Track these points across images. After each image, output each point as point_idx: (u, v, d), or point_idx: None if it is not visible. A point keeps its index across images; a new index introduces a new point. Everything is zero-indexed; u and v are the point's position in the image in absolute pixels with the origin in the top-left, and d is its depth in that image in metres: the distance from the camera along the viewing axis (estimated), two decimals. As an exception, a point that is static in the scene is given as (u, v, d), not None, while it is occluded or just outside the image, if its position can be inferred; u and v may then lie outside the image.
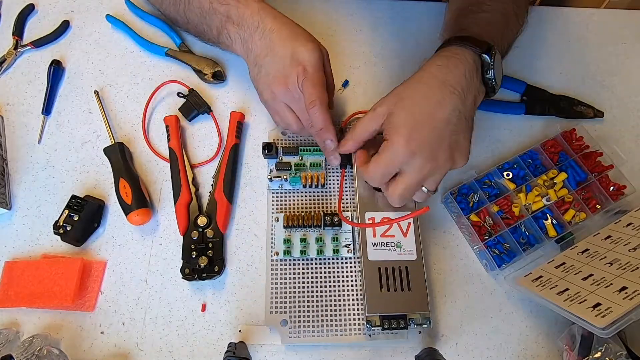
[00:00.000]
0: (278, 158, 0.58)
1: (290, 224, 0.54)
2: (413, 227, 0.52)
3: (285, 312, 0.51)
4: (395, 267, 0.50)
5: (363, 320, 0.50)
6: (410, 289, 0.49)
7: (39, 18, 0.68)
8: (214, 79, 0.63)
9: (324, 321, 0.51)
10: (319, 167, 0.57)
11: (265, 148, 0.56)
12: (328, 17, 0.69)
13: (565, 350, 0.50)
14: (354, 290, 0.52)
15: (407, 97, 0.47)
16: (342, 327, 0.50)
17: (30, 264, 0.54)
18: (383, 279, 0.50)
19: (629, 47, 0.69)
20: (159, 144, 0.61)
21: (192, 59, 0.65)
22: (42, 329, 0.52)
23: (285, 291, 0.52)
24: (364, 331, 0.50)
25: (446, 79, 0.46)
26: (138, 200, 0.54)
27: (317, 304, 0.51)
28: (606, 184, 0.57)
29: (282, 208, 0.56)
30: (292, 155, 0.58)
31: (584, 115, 0.64)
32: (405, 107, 0.46)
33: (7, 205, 0.57)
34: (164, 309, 0.53)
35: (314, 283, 0.52)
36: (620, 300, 0.43)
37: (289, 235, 0.54)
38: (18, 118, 0.62)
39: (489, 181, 0.58)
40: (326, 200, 0.57)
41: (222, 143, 0.60)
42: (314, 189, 0.57)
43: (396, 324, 0.48)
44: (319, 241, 0.53)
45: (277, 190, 0.57)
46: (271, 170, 0.57)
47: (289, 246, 0.53)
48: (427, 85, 0.47)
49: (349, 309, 0.51)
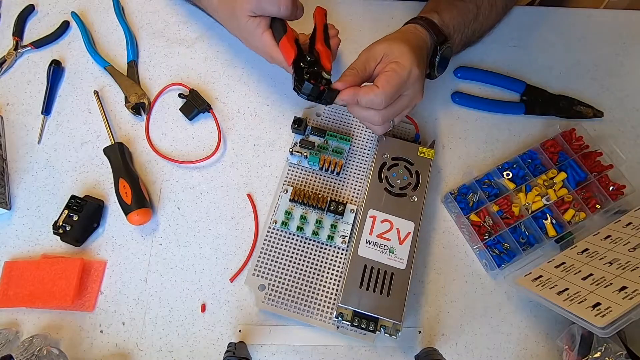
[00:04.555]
0: (305, 135, 0.59)
1: (297, 198, 0.55)
2: (411, 238, 0.52)
3: (266, 278, 0.52)
4: (381, 269, 0.50)
5: (335, 310, 0.50)
6: (390, 295, 0.49)
7: (39, 18, 0.68)
8: (132, 110, 0.61)
9: (300, 299, 0.52)
10: (340, 154, 0.58)
11: (296, 122, 0.58)
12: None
13: (565, 350, 0.50)
14: (336, 280, 0.53)
15: (395, 38, 0.52)
16: (315, 310, 0.51)
17: (30, 264, 0.54)
18: (366, 276, 0.50)
19: (629, 47, 0.69)
20: (160, 144, 0.61)
21: (125, 81, 0.63)
22: (42, 329, 0.52)
23: (272, 259, 0.53)
24: (333, 321, 0.50)
25: (422, 45, 0.54)
26: (138, 200, 0.54)
27: (298, 281, 0.52)
28: (606, 183, 0.57)
29: (293, 182, 0.58)
30: (319, 136, 0.59)
31: (584, 115, 0.64)
32: (402, 41, 0.51)
33: (7, 205, 0.57)
34: (164, 309, 0.53)
35: (301, 260, 0.53)
36: (620, 299, 0.43)
37: (291, 208, 0.55)
38: (18, 118, 0.62)
39: (488, 181, 0.58)
40: (337, 187, 0.58)
41: (222, 139, 0.61)
42: (329, 174, 0.58)
43: (366, 325, 0.48)
44: (318, 223, 0.54)
45: (295, 165, 0.58)
46: (295, 145, 0.59)
47: (288, 218, 0.54)
48: (404, 33, 0.54)
49: (326, 295, 0.52)
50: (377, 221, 0.52)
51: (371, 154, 0.59)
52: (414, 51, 0.50)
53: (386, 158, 0.56)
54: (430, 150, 0.56)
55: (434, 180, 0.60)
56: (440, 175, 0.61)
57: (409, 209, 0.53)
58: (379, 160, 0.56)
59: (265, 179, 0.59)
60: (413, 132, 0.61)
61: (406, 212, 0.53)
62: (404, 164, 0.56)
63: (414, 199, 0.53)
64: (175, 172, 0.60)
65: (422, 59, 0.52)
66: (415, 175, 0.55)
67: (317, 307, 0.51)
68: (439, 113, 0.64)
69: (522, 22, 0.70)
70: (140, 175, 0.58)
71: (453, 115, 0.64)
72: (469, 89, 0.65)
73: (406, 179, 0.55)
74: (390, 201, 0.53)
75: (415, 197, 0.53)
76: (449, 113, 0.64)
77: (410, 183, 0.54)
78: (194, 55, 0.66)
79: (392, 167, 0.55)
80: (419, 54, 0.51)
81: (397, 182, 0.54)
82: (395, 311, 0.48)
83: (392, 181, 0.54)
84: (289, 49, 0.52)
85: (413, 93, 0.51)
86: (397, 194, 0.54)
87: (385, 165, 0.55)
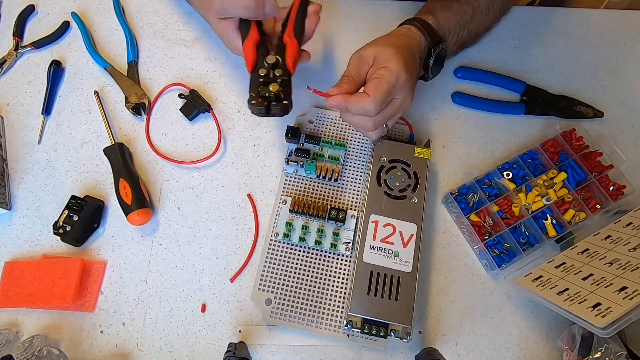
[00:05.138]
0: (299, 144, 0.59)
1: (296, 209, 0.54)
2: (415, 240, 0.52)
3: (272, 292, 0.52)
4: (387, 274, 0.50)
5: (344, 318, 0.50)
6: (398, 299, 0.49)
7: (39, 19, 0.68)
8: (133, 110, 0.61)
9: (307, 310, 0.51)
10: (336, 161, 0.58)
11: (289, 132, 0.57)
12: (328, 17, 0.69)
13: (565, 350, 0.50)
14: (342, 288, 0.53)
15: (385, 42, 0.52)
16: (324, 320, 0.51)
17: (30, 264, 0.54)
18: (373, 283, 0.49)
19: (629, 47, 0.69)
20: (160, 144, 0.61)
21: (125, 82, 0.63)
22: (42, 329, 0.52)
23: (276, 272, 0.53)
24: (343, 330, 0.50)
25: (412, 45, 0.54)
26: (138, 200, 0.54)
27: (304, 292, 0.52)
28: (606, 183, 0.57)
29: (291, 192, 0.57)
30: (314, 144, 0.59)
31: (584, 115, 0.64)
32: (391, 45, 0.51)
33: (7, 205, 0.57)
34: (164, 309, 0.53)
35: (306, 271, 0.53)
36: (620, 300, 0.43)
37: (292, 219, 0.55)
38: (18, 118, 0.62)
39: (488, 181, 0.58)
40: (336, 194, 0.57)
41: (222, 139, 0.60)
42: (327, 181, 0.58)
43: (376, 331, 0.48)
44: (320, 232, 0.54)
45: (291, 175, 0.58)
46: (290, 154, 0.58)
47: (289, 229, 0.54)
48: (395, 36, 0.55)
49: (333, 304, 0.52)
50: (380, 225, 0.52)
51: (367, 158, 0.59)
52: (402, 55, 0.50)
53: (383, 161, 0.56)
54: (427, 150, 0.56)
55: (434, 180, 0.60)
56: (441, 175, 0.61)
57: (410, 211, 0.53)
58: (376, 164, 0.55)
59: (265, 179, 0.59)
60: (407, 133, 0.61)
61: (408, 215, 0.52)
62: (401, 166, 0.55)
63: (415, 201, 0.53)
64: (175, 172, 0.60)
65: (411, 62, 0.51)
66: (414, 176, 0.55)
67: (326, 316, 0.51)
68: (439, 113, 0.64)
69: (522, 22, 0.70)
70: (141, 176, 0.58)
71: (453, 115, 0.64)
72: (469, 89, 0.65)
73: (405, 180, 0.55)
74: (391, 204, 0.53)
75: (415, 198, 0.53)
76: (449, 113, 0.64)
77: (409, 185, 0.54)
78: (194, 55, 0.66)
79: (390, 170, 0.55)
80: (408, 57, 0.51)
81: (396, 185, 0.54)
82: (405, 315, 0.48)
83: (391, 184, 0.54)
84: (249, 55, 0.52)
85: (403, 96, 0.51)
86: (397, 196, 0.54)
87: (383, 169, 0.55)
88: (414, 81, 0.52)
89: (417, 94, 0.63)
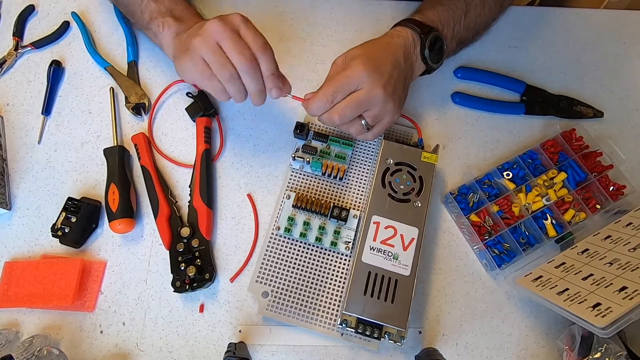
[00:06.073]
0: (307, 140, 0.59)
1: (299, 204, 0.55)
2: (415, 244, 0.51)
3: (269, 285, 0.52)
4: (385, 276, 0.50)
5: (339, 317, 0.50)
6: (394, 302, 0.49)
7: (39, 19, 0.68)
8: (133, 110, 0.62)
9: (303, 305, 0.52)
10: (342, 159, 0.58)
11: (298, 128, 0.58)
12: (329, 17, 0.69)
13: (565, 350, 0.50)
14: (339, 286, 0.53)
15: (359, 47, 0.53)
16: (319, 317, 0.51)
17: (30, 265, 0.54)
18: (370, 283, 0.49)
19: (628, 47, 0.69)
20: (160, 144, 0.61)
21: (125, 82, 0.63)
22: (42, 329, 0.52)
23: (275, 265, 0.53)
24: (337, 328, 0.50)
25: (390, 42, 0.54)
26: (123, 209, 0.54)
27: (302, 288, 0.52)
28: (606, 183, 0.57)
29: (296, 188, 0.58)
30: (321, 141, 0.59)
31: (584, 115, 0.64)
32: (359, 48, 0.53)
33: (7, 205, 0.57)
34: (164, 309, 0.53)
35: (304, 267, 0.53)
36: (620, 300, 0.43)
37: (294, 214, 0.55)
38: (18, 118, 0.62)
39: (488, 181, 0.58)
40: (340, 193, 0.58)
41: (224, 144, 0.61)
42: (332, 179, 0.58)
43: (370, 332, 0.48)
44: (321, 229, 0.54)
45: (297, 170, 0.58)
46: (297, 150, 0.59)
47: (291, 224, 0.54)
48: (374, 42, 0.54)
49: (330, 302, 0.52)
50: (381, 227, 0.52)
51: (374, 159, 0.59)
52: (366, 51, 0.51)
53: (389, 163, 0.55)
54: (434, 155, 0.56)
55: (434, 180, 0.60)
56: (441, 175, 0.61)
57: (412, 214, 0.53)
58: (382, 166, 0.55)
59: (265, 179, 0.59)
60: (416, 137, 0.61)
61: (410, 218, 0.52)
62: (407, 169, 0.55)
63: (418, 205, 0.53)
64: (175, 172, 0.60)
65: (381, 56, 0.52)
66: (419, 180, 0.55)
67: (321, 313, 0.51)
68: (439, 113, 0.64)
69: (522, 22, 0.70)
70: (136, 182, 0.58)
71: (453, 115, 0.64)
72: (469, 89, 0.65)
73: (410, 184, 0.54)
74: (394, 207, 0.53)
75: (419, 202, 0.53)
76: (449, 113, 0.64)
77: (413, 188, 0.54)
78: (194, 55, 0.66)
79: (396, 173, 0.55)
80: (377, 52, 0.52)
81: (400, 188, 0.54)
82: (400, 318, 0.48)
83: (396, 187, 0.54)
84: (164, 234, 0.54)
85: (368, 88, 0.49)
86: (401, 199, 0.53)
87: (388, 171, 0.55)
88: (384, 72, 0.50)
89: (416, 94, 0.64)
